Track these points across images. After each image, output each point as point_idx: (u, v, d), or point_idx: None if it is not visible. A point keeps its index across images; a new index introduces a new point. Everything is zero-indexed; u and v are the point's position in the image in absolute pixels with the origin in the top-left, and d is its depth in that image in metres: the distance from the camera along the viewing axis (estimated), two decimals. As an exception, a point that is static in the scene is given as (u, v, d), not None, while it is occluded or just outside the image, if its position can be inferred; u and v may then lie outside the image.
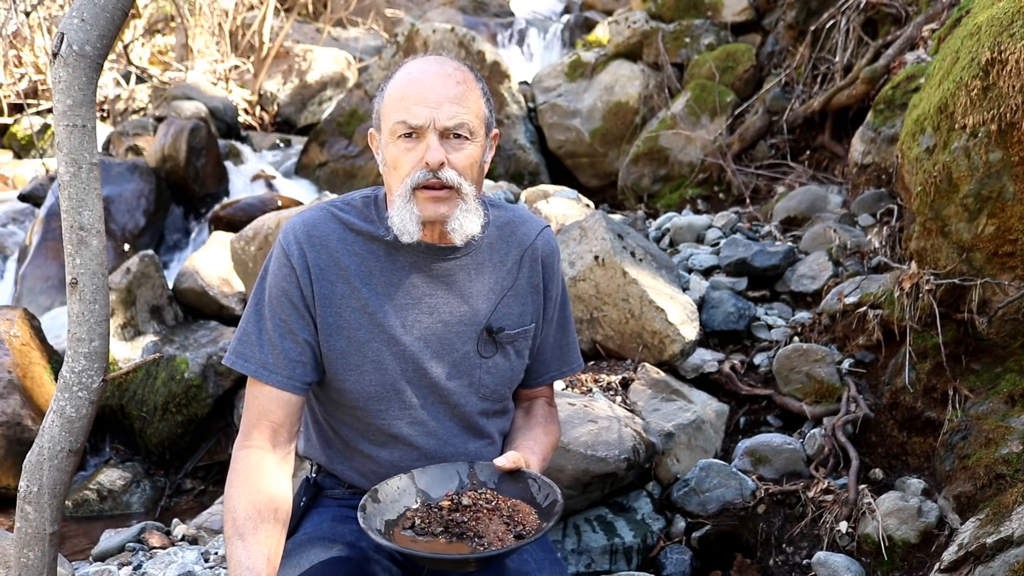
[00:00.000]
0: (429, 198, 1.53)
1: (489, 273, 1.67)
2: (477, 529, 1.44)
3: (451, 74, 1.56)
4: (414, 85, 1.54)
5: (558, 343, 1.81)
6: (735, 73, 5.69)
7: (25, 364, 4.01)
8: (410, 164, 1.53)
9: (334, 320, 1.59)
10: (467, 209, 1.56)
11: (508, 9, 10.47)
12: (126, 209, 5.94)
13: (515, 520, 1.47)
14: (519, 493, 1.54)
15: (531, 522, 1.47)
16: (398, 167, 1.55)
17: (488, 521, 1.46)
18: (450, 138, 1.54)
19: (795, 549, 2.57)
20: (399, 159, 1.54)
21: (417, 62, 1.59)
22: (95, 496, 3.90)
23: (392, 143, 1.55)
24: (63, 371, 1.75)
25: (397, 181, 1.55)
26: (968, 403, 2.57)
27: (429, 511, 1.49)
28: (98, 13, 1.65)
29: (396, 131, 1.54)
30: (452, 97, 1.53)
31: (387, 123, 1.56)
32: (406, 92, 1.54)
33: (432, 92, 1.52)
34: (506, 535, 1.43)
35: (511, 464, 1.54)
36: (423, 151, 1.52)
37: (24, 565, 1.76)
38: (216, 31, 9.13)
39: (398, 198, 1.55)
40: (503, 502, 1.51)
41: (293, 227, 1.61)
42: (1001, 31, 2.40)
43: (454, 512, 1.48)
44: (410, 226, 1.54)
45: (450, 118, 1.52)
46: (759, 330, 3.42)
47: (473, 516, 1.47)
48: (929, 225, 2.70)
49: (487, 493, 1.53)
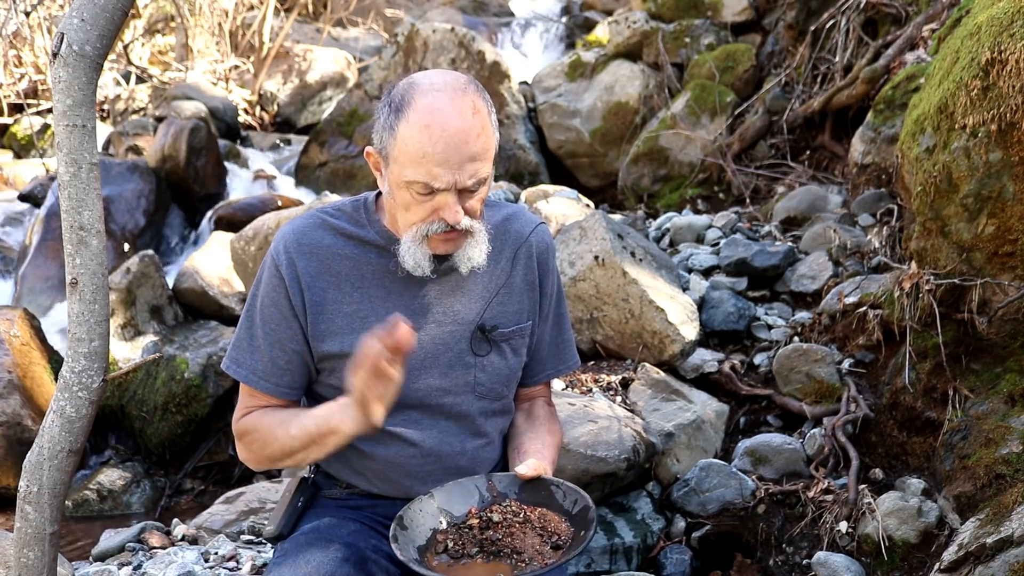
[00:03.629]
0: (442, 239, 1.54)
1: (482, 272, 1.66)
2: (513, 545, 1.41)
3: (471, 125, 1.45)
4: (436, 144, 1.44)
5: (554, 341, 1.81)
6: (735, 73, 5.69)
7: (25, 364, 4.00)
8: (424, 213, 1.51)
9: (327, 326, 1.60)
10: (475, 243, 1.56)
11: (508, 9, 10.46)
12: (126, 209, 5.93)
13: (548, 531, 1.44)
14: (543, 501, 1.51)
15: (564, 530, 1.44)
16: (409, 211, 1.52)
17: (522, 536, 1.43)
18: (468, 190, 1.51)
19: (795, 549, 2.57)
20: (412, 206, 1.51)
21: (435, 100, 1.45)
22: (95, 496, 3.90)
23: (406, 189, 1.50)
24: (63, 371, 1.75)
25: (406, 224, 1.54)
26: (968, 403, 2.57)
27: (460, 532, 1.46)
28: (98, 13, 1.65)
29: (413, 187, 1.48)
30: (475, 154, 1.46)
31: (401, 173, 1.48)
32: (426, 152, 1.44)
33: (455, 152, 1.44)
34: (543, 547, 1.40)
35: (532, 472, 1.53)
36: (439, 203, 1.49)
37: (24, 565, 1.76)
38: (216, 31, 9.13)
39: (408, 238, 1.54)
40: (530, 512, 1.48)
41: (283, 236, 1.62)
42: (1001, 31, 2.39)
43: (486, 530, 1.45)
44: (424, 263, 1.55)
45: (471, 176, 1.47)
46: (759, 330, 3.42)
47: (507, 532, 1.44)
48: (929, 225, 2.70)
49: (512, 505, 1.50)
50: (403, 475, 1.65)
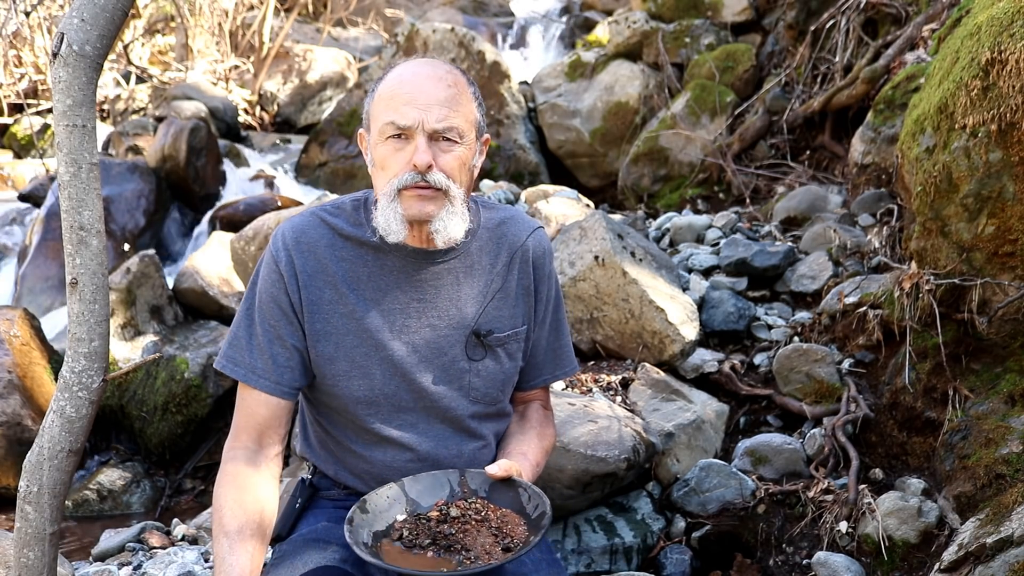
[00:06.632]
0: (415, 196, 1.52)
1: (478, 276, 1.66)
2: (464, 542, 1.41)
3: (442, 77, 1.54)
4: (404, 86, 1.53)
5: (551, 346, 1.80)
6: (735, 73, 5.69)
7: (25, 364, 4.01)
8: (398, 165, 1.52)
9: (322, 326, 1.60)
10: (453, 212, 1.55)
11: (508, 9, 10.47)
12: (126, 209, 5.94)
13: (503, 532, 1.44)
14: (510, 503, 1.51)
15: (519, 534, 1.44)
16: (385, 167, 1.54)
17: (476, 533, 1.43)
18: (439, 140, 1.53)
19: (795, 549, 2.57)
20: (387, 159, 1.54)
21: (408, 64, 1.57)
22: (95, 496, 3.90)
23: (381, 143, 1.54)
24: (63, 371, 1.75)
25: (384, 181, 1.55)
26: (968, 403, 2.57)
27: (417, 522, 1.47)
28: (98, 13, 1.65)
29: (385, 132, 1.53)
30: (442, 100, 1.52)
31: (376, 123, 1.56)
32: (396, 93, 1.53)
33: (422, 94, 1.51)
34: (494, 548, 1.40)
35: (502, 472, 1.52)
36: (411, 153, 1.51)
37: (24, 565, 1.76)
38: (216, 31, 9.13)
39: (383, 197, 1.54)
40: (493, 512, 1.48)
41: (282, 233, 1.62)
42: (1001, 31, 2.39)
43: (442, 524, 1.45)
44: (395, 224, 1.53)
45: (439, 120, 1.51)
46: (759, 330, 3.42)
47: (461, 528, 1.44)
48: (929, 225, 2.70)
49: (477, 503, 1.50)
50: (399, 478, 1.65)
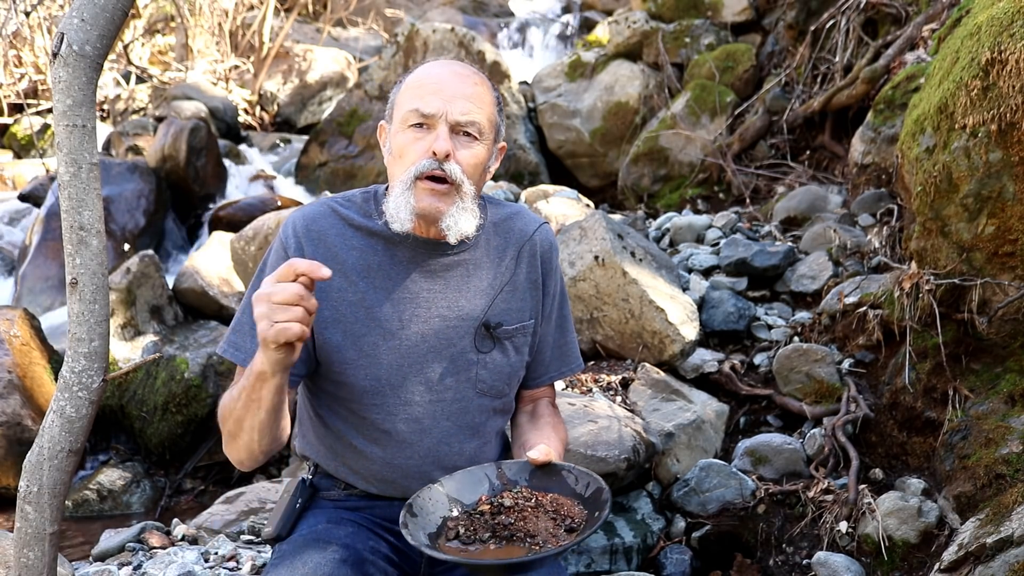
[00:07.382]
0: (428, 190, 1.53)
1: (487, 269, 1.67)
2: (526, 529, 1.39)
3: (469, 75, 1.60)
4: (431, 78, 1.58)
5: (557, 343, 1.80)
6: (735, 73, 5.69)
7: (25, 364, 4.00)
8: (416, 153, 1.54)
9: (331, 313, 1.60)
10: (464, 208, 1.56)
11: (508, 9, 10.47)
12: (126, 209, 5.94)
13: (561, 514, 1.42)
14: (555, 487, 1.49)
15: (577, 513, 1.42)
16: (404, 155, 1.56)
17: (535, 519, 1.41)
18: (459, 134, 1.55)
19: (795, 549, 2.57)
20: (406, 147, 1.55)
21: (438, 61, 1.64)
22: (95, 496, 3.90)
23: (402, 131, 1.57)
24: (63, 371, 1.75)
25: (401, 169, 1.56)
26: (968, 403, 2.57)
27: (471, 518, 1.44)
28: (98, 13, 1.65)
29: (408, 119, 1.55)
30: (467, 95, 1.56)
31: (399, 111, 1.58)
32: (423, 83, 1.57)
33: (448, 86, 1.56)
34: (556, 530, 1.38)
35: (544, 457, 1.51)
36: (431, 141, 1.53)
37: (24, 565, 1.76)
38: (216, 31, 9.13)
39: (399, 185, 1.55)
40: (542, 497, 1.46)
41: (293, 221, 1.62)
42: (1001, 31, 2.39)
43: (498, 515, 1.43)
44: (403, 214, 1.54)
45: (463, 113, 1.54)
46: (759, 330, 3.42)
47: (519, 516, 1.42)
48: (929, 225, 2.70)
49: (523, 491, 1.48)
50: (401, 476, 1.65)
